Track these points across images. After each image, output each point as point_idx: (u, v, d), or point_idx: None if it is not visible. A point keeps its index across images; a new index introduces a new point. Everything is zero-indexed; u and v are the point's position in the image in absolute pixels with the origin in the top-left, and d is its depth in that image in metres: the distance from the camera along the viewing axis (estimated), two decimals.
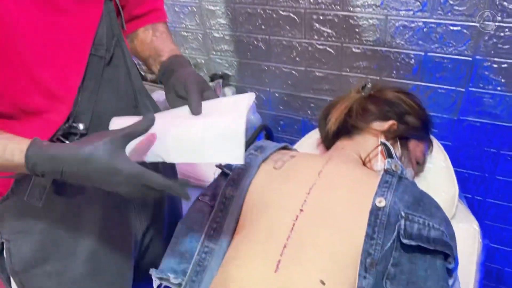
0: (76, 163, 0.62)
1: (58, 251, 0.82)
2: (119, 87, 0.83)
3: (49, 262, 0.82)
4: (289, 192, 0.87)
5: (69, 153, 0.62)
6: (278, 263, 0.76)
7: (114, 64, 0.80)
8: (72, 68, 0.73)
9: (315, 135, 1.22)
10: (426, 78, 1.26)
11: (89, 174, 0.62)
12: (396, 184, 0.84)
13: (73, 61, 0.73)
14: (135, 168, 0.63)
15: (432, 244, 0.76)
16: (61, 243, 0.82)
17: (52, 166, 0.63)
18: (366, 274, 0.75)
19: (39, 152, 0.63)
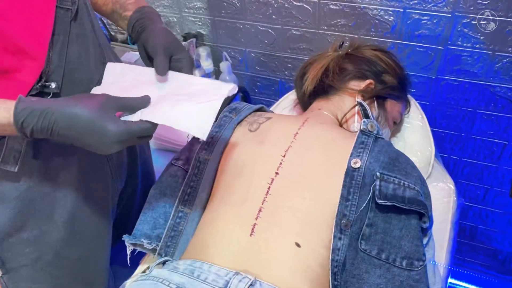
0: (68, 120, 0.60)
1: (35, 217, 0.79)
2: (87, 43, 0.79)
3: (26, 229, 0.79)
4: (264, 155, 0.85)
5: (62, 109, 0.60)
6: (254, 226, 0.75)
7: (80, 18, 0.77)
8: (39, 21, 0.69)
9: (292, 96, 1.19)
10: (405, 36, 1.23)
11: (79, 132, 0.61)
12: (372, 145, 0.83)
13: (40, 13, 0.69)
14: (124, 126, 0.63)
15: (407, 204, 0.76)
16: (38, 208, 0.79)
17: (42, 122, 0.60)
18: (341, 235, 0.74)
19: (28, 108, 0.60)
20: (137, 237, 0.86)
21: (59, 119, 0.60)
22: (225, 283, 0.68)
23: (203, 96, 0.70)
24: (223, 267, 0.71)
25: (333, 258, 0.73)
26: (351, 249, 0.75)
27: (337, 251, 0.73)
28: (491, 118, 1.29)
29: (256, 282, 0.68)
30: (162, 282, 0.70)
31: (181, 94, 0.72)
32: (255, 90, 1.58)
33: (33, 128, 0.60)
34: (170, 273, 0.72)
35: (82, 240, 0.88)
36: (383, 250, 0.76)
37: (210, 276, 0.69)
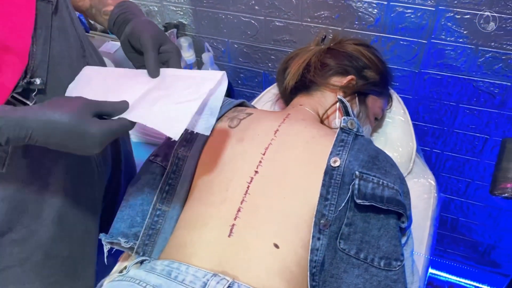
0: (47, 128, 0.59)
1: (23, 217, 0.77)
2: (68, 36, 0.77)
3: (14, 230, 0.77)
4: (244, 153, 0.84)
5: (39, 117, 0.58)
6: (232, 227, 0.74)
7: (60, 11, 0.74)
8: (20, 15, 0.66)
9: (274, 90, 1.17)
10: (389, 30, 1.22)
11: (59, 139, 0.60)
12: (352, 143, 0.82)
13: (20, 6, 0.66)
14: (106, 127, 0.62)
15: (386, 203, 0.75)
16: (26, 208, 0.77)
17: (19, 131, 0.57)
18: (320, 235, 0.74)
19: (3, 117, 0.57)
20: (114, 236, 0.84)
21: (37, 128, 0.58)
22: (202, 284, 0.67)
23: (184, 93, 0.68)
24: (201, 268, 0.70)
25: (311, 258, 0.72)
26: (329, 248, 0.74)
27: (316, 251, 0.73)
28: (473, 112, 1.29)
29: (234, 284, 0.67)
30: (139, 284, 0.69)
31: (162, 90, 0.70)
32: (238, 81, 1.56)
33: (8, 138, 0.58)
34: (147, 273, 0.71)
35: (71, 237, 0.87)
36: (362, 249, 0.75)
37: (187, 277, 0.68)
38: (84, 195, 0.88)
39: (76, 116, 0.60)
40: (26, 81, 0.67)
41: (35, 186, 0.77)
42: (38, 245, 0.81)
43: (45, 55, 0.71)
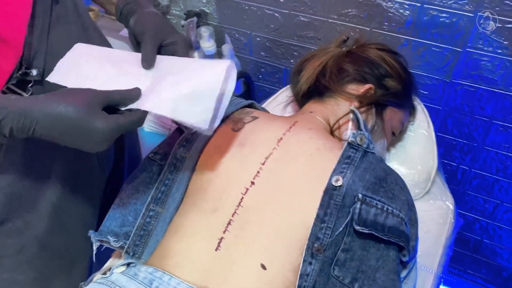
0: (51, 120, 0.56)
1: (19, 208, 0.76)
2: (69, 25, 0.74)
3: (10, 221, 0.76)
4: (243, 160, 0.78)
5: (44, 109, 0.56)
6: (220, 241, 0.70)
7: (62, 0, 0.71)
8: (16, 3, 0.63)
9: (287, 92, 1.10)
10: (420, 34, 1.12)
11: (63, 132, 0.57)
12: (359, 161, 0.75)
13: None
14: (113, 123, 0.58)
15: (387, 233, 0.68)
16: (22, 200, 0.76)
17: (23, 122, 0.55)
18: (312, 259, 0.67)
19: (7, 107, 0.55)
20: (103, 234, 0.81)
21: (42, 119, 0.56)
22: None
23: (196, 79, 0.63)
24: (183, 281, 0.66)
25: (300, 284, 0.66)
26: (322, 274, 0.68)
27: (306, 277, 0.67)
28: (508, 130, 1.18)
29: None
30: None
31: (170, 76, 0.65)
32: (259, 76, 1.49)
33: (12, 129, 0.55)
34: (128, 280, 0.68)
35: (67, 230, 0.85)
36: (357, 279, 0.69)
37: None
38: (83, 188, 0.86)
39: (84, 110, 0.56)
40: (22, 72, 0.65)
41: (31, 177, 0.75)
42: (33, 237, 0.79)
43: (42, 45, 0.68)
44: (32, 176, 0.75)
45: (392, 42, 1.16)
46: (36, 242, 0.80)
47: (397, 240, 0.69)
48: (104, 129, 0.58)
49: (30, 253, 0.80)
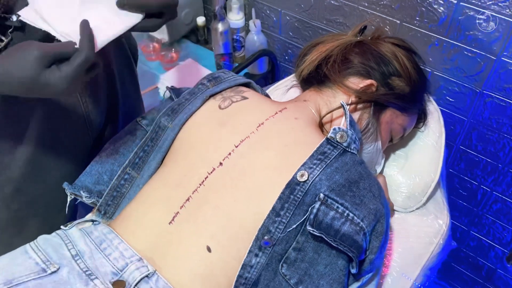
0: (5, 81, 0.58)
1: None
2: None
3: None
4: (218, 139, 0.76)
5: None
6: (176, 215, 0.69)
7: None
8: None
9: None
10: (453, 34, 1.01)
11: (20, 91, 0.59)
12: (334, 159, 0.69)
13: None
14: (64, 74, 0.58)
15: (337, 240, 0.64)
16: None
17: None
18: (259, 252, 0.64)
19: None
20: (77, 188, 0.83)
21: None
22: (124, 265, 0.64)
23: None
24: (131, 248, 0.66)
25: (241, 274, 0.64)
26: (269, 269, 0.65)
27: (249, 268, 0.64)
28: None
29: (154, 276, 0.63)
30: (66, 244, 0.68)
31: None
32: (285, 57, 1.43)
33: None
34: (81, 236, 0.69)
35: (44, 179, 0.86)
36: (302, 282, 0.65)
37: (114, 253, 0.66)
38: (65, 141, 0.86)
39: (33, 71, 0.57)
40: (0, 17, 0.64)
41: (10, 120, 0.76)
42: (9, 180, 0.82)
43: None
44: (11, 120, 0.76)
45: (422, 40, 1.06)
46: (12, 185, 0.82)
47: (346, 249, 0.64)
48: (58, 82, 0.58)
49: (5, 194, 0.82)
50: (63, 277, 0.62)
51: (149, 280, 0.62)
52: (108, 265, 0.64)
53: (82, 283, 0.61)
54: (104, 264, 0.64)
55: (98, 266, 0.64)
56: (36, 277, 0.61)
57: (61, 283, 0.61)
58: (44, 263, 0.63)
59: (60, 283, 0.61)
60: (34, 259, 0.64)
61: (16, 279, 0.60)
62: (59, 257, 0.64)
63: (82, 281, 0.61)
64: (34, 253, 0.65)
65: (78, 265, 0.64)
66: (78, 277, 0.62)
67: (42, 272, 0.62)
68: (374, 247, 0.68)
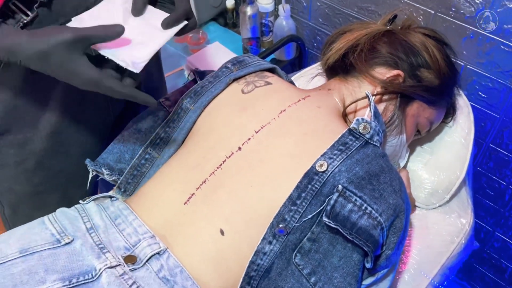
0: (34, 59, 0.59)
1: (20, 123, 0.80)
2: None
3: (11, 132, 0.81)
4: (239, 123, 0.76)
5: (27, 46, 0.58)
6: (191, 196, 0.70)
7: None
8: None
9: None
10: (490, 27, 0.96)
11: (47, 70, 0.60)
12: (355, 150, 0.68)
13: None
14: (94, 74, 0.60)
15: (353, 233, 0.63)
16: (22, 116, 0.79)
17: (9, 57, 0.58)
18: (273, 240, 0.64)
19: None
20: (99, 165, 0.85)
21: (27, 58, 0.58)
22: (136, 241, 0.65)
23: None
24: (145, 224, 0.67)
25: (253, 260, 0.64)
26: (282, 258, 0.65)
27: (262, 255, 0.64)
28: None
29: (165, 253, 0.64)
30: (82, 217, 0.69)
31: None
32: (314, 44, 1.41)
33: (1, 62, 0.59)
34: (98, 211, 0.71)
35: (66, 155, 0.88)
36: (315, 273, 0.65)
37: (128, 228, 0.67)
38: (87, 117, 0.88)
39: (66, 53, 0.58)
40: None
41: (32, 96, 0.78)
42: (32, 153, 0.83)
43: None
44: (33, 95, 0.77)
45: (457, 33, 1.02)
46: (35, 159, 0.84)
47: (361, 243, 0.63)
48: (83, 76, 0.60)
49: (28, 167, 0.84)
50: (76, 249, 0.63)
51: (160, 257, 0.63)
52: (121, 239, 0.65)
53: (94, 256, 0.62)
54: (117, 239, 0.65)
55: (111, 241, 0.65)
56: (50, 247, 0.63)
57: (74, 254, 0.62)
58: (59, 234, 0.65)
59: (73, 254, 0.62)
60: (50, 230, 0.65)
61: (31, 248, 0.62)
62: (74, 230, 0.66)
63: (94, 254, 0.62)
64: (51, 224, 0.67)
65: (92, 238, 0.65)
66: (90, 250, 0.63)
67: (56, 242, 0.63)
68: (391, 243, 0.66)
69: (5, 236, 0.66)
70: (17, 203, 0.90)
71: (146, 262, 0.62)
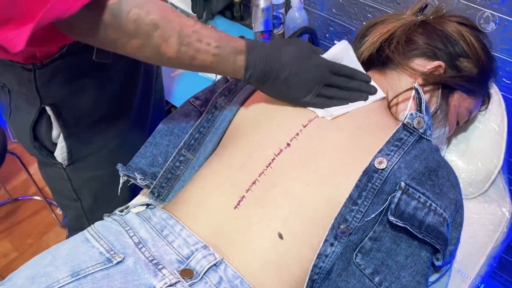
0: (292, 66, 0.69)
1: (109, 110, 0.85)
2: None
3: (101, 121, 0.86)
4: (284, 119, 0.73)
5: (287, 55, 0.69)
6: (241, 199, 0.66)
7: None
8: None
9: None
10: None
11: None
12: (411, 146, 0.67)
13: None
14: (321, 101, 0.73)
15: (423, 231, 0.61)
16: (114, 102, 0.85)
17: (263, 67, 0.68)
18: (334, 241, 0.62)
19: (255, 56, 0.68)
20: (131, 170, 0.82)
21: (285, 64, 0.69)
22: (189, 253, 0.61)
23: None
24: (194, 234, 0.63)
25: (316, 263, 0.62)
26: (343, 258, 0.63)
27: (324, 258, 0.62)
28: None
29: (222, 264, 0.60)
30: (127, 231, 0.64)
31: None
32: (326, 35, 1.38)
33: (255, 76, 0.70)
34: (141, 222, 0.66)
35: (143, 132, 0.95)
36: (379, 272, 0.63)
37: (177, 240, 0.63)
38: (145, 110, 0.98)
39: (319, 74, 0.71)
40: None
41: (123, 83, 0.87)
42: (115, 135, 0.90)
43: None
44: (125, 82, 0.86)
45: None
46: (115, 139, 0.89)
47: (433, 241, 0.62)
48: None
49: (111, 148, 0.89)
50: (129, 267, 0.58)
51: (217, 268, 0.60)
52: (172, 253, 0.61)
53: (151, 274, 0.58)
54: (168, 252, 0.61)
55: (162, 254, 0.61)
56: (103, 268, 0.58)
57: (129, 273, 0.58)
58: (108, 252, 0.60)
59: (127, 273, 0.58)
60: (98, 248, 0.61)
61: (82, 270, 0.58)
62: (123, 246, 0.61)
63: (150, 271, 0.58)
64: (96, 241, 0.62)
65: (143, 254, 0.60)
66: (145, 267, 0.59)
67: (108, 262, 0.59)
68: (453, 238, 0.66)
69: (49, 257, 0.61)
70: (100, 188, 0.93)
71: (203, 275, 0.59)
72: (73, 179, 0.90)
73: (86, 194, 0.92)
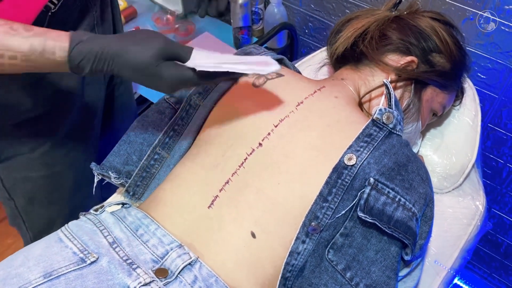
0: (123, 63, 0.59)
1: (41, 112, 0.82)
2: None
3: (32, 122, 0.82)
4: (255, 118, 0.73)
5: (119, 52, 0.59)
6: (215, 199, 0.66)
7: None
8: None
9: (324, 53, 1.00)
10: (491, 7, 0.97)
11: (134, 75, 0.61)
12: (380, 141, 0.66)
13: None
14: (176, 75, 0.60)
15: (391, 227, 0.61)
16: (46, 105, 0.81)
17: (97, 64, 0.59)
18: (306, 238, 0.62)
19: (83, 50, 0.58)
20: (105, 169, 0.80)
21: (116, 62, 0.59)
22: (164, 252, 0.60)
23: None
24: (169, 233, 0.63)
25: (288, 261, 0.62)
26: (315, 255, 0.63)
27: (296, 255, 0.62)
28: None
29: (196, 263, 0.60)
30: (101, 231, 0.63)
31: None
32: (305, 30, 1.38)
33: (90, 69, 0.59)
34: (116, 222, 0.65)
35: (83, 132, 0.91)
36: (350, 268, 0.63)
37: (152, 239, 0.62)
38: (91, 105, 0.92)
39: (154, 58, 0.59)
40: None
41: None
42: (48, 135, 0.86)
43: None
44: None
45: (457, 14, 1.02)
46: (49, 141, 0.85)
47: (401, 236, 0.62)
48: (169, 79, 0.59)
49: (43, 150, 0.85)
50: (103, 267, 0.57)
51: (192, 267, 0.59)
52: (147, 252, 0.60)
53: (125, 273, 0.57)
54: (143, 252, 0.60)
55: (137, 254, 0.60)
56: (76, 268, 0.57)
57: (102, 273, 0.57)
58: (81, 252, 0.59)
59: (101, 273, 0.57)
60: (71, 248, 0.60)
61: (55, 270, 0.56)
62: (97, 246, 0.60)
63: (124, 271, 0.57)
64: (70, 241, 0.61)
65: (118, 254, 0.59)
66: (119, 267, 0.58)
67: (81, 262, 0.58)
68: (424, 232, 0.66)
69: (21, 258, 0.59)
70: (33, 191, 0.89)
71: (178, 275, 0.58)
72: (5, 178, 0.88)
73: (19, 194, 0.90)
